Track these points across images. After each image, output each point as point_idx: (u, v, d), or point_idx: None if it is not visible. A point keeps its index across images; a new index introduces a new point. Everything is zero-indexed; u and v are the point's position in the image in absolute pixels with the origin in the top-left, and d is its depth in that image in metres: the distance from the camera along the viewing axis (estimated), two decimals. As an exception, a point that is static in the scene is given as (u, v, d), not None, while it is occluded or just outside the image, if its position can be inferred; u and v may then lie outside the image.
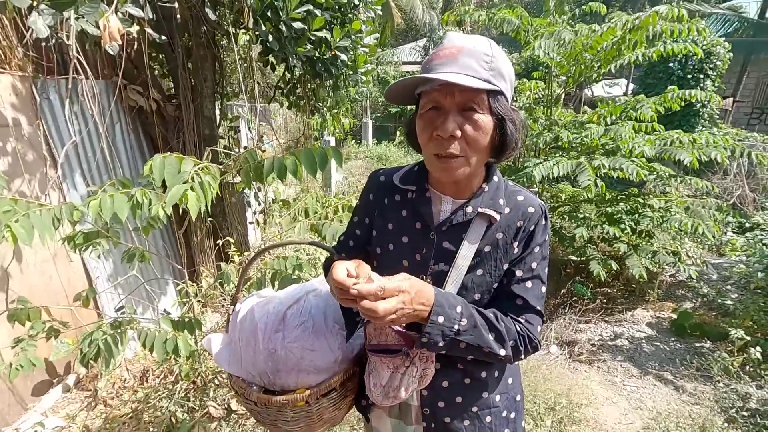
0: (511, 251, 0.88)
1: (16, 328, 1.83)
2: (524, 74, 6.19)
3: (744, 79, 10.15)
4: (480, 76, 0.75)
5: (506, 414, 0.99)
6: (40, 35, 1.57)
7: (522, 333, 0.86)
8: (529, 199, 0.90)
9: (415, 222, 0.91)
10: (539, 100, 4.81)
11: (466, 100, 0.77)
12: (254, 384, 1.04)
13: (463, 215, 0.87)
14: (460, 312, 0.81)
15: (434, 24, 13.90)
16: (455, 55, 0.76)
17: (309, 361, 0.98)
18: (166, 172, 1.27)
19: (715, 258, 4.63)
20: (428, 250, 0.89)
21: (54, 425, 2.25)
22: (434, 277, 0.88)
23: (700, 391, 2.68)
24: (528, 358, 2.95)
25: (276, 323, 1.02)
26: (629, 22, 3.18)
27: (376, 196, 0.99)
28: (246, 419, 2.25)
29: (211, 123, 3.04)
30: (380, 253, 0.96)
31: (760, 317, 3.11)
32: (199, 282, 2.87)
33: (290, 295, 1.10)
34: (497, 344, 0.83)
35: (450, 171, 0.81)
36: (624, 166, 3.15)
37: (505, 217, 0.88)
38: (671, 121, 6.39)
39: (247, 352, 1.03)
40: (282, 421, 0.99)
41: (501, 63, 0.78)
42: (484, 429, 0.96)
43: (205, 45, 2.81)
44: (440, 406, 0.94)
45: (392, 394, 0.89)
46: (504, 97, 0.80)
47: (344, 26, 2.86)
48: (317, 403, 0.97)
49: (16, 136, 2.19)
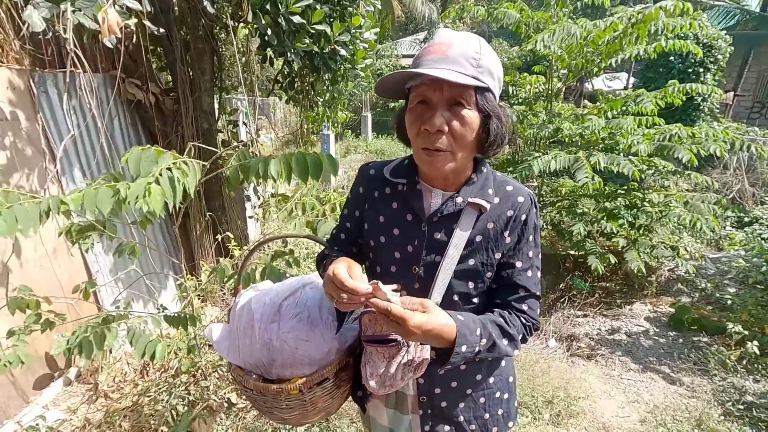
0: (503, 240, 0.89)
1: (17, 322, 1.83)
2: (524, 68, 6.15)
3: (745, 73, 10.11)
4: (468, 72, 0.77)
5: (499, 395, 1.03)
6: (35, 29, 1.56)
7: (527, 323, 0.92)
8: (518, 188, 0.92)
9: (406, 214, 0.93)
10: (540, 94, 4.79)
11: (454, 95, 0.78)
12: (252, 373, 1.07)
13: (454, 205, 0.88)
14: (480, 334, 0.83)
15: (433, 17, 13.80)
16: (445, 51, 0.78)
17: (303, 351, 1.00)
18: (142, 164, 1.25)
19: (714, 252, 4.64)
20: (420, 241, 0.90)
21: (55, 418, 2.26)
22: (426, 267, 0.90)
23: (697, 385, 2.70)
24: (527, 353, 2.97)
25: (272, 314, 1.04)
26: (633, 16, 3.16)
27: (366, 189, 1.00)
28: (246, 412, 2.26)
29: (209, 117, 3.03)
30: (373, 245, 0.97)
31: (757, 311, 3.12)
32: (198, 276, 2.87)
33: (287, 288, 1.12)
34: (511, 348, 0.89)
35: (437, 165, 0.82)
36: (621, 164, 3.14)
37: (495, 207, 0.89)
38: (671, 115, 6.36)
39: (244, 342, 1.05)
40: (277, 409, 1.02)
41: (489, 61, 0.80)
42: (479, 410, 1.00)
43: (203, 38, 2.79)
44: (436, 393, 0.97)
45: (389, 383, 0.91)
46: (492, 94, 0.81)
47: (344, 20, 2.84)
48: (311, 392, 0.99)
49: (14, 131, 2.18)
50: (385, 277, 0.94)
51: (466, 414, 0.99)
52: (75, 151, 2.51)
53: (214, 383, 2.27)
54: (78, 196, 1.21)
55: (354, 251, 1.06)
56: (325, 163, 1.33)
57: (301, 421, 1.08)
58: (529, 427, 2.29)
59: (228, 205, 3.39)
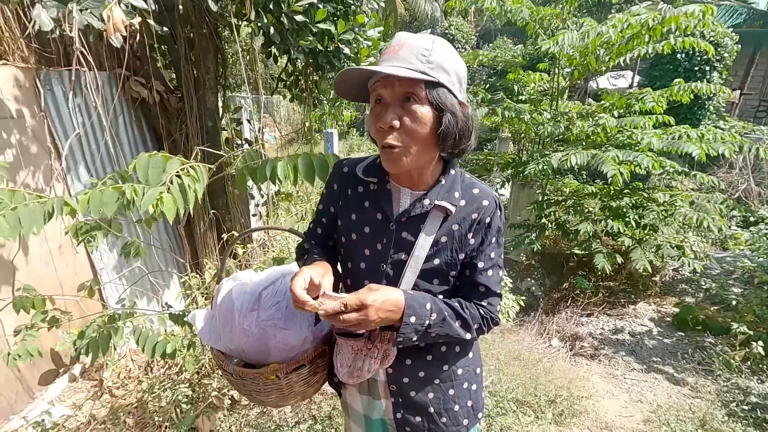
0: (467, 242, 0.93)
1: (22, 318, 1.85)
2: (529, 66, 6.13)
3: (752, 72, 10.00)
4: (416, 68, 0.79)
5: (467, 386, 1.05)
6: (44, 28, 1.57)
7: (485, 315, 0.95)
8: (484, 191, 0.95)
9: (376, 213, 0.96)
10: (544, 92, 4.77)
11: (404, 91, 0.80)
12: (234, 357, 1.11)
13: (421, 207, 0.92)
14: (430, 308, 0.88)
15: (436, 15, 13.75)
16: (397, 51, 0.81)
17: (281, 339, 1.04)
18: (150, 171, 1.26)
19: (719, 252, 4.61)
20: (388, 240, 0.93)
21: (61, 414, 2.28)
22: (393, 265, 0.93)
23: (701, 385, 2.69)
24: (530, 352, 2.97)
25: (252, 303, 1.08)
26: (656, 17, 3.13)
27: (339, 186, 1.02)
28: (249, 409, 2.28)
29: (213, 115, 3.03)
30: (345, 242, 1.00)
31: (763, 312, 3.10)
32: (202, 274, 2.89)
33: (268, 277, 1.15)
34: (463, 330, 0.93)
35: (392, 162, 0.85)
36: (639, 159, 3.13)
37: (460, 209, 0.92)
38: (677, 114, 6.32)
39: (225, 329, 1.09)
40: (256, 392, 1.08)
41: (441, 57, 0.81)
42: (448, 401, 1.03)
43: (207, 36, 2.79)
44: (405, 382, 1.01)
45: (356, 374, 0.97)
46: (446, 89, 0.82)
47: (348, 18, 2.84)
48: (287, 378, 1.04)
49: (20, 129, 2.20)
50: (356, 273, 0.99)
51: (435, 405, 1.02)
52: (80, 149, 2.53)
53: (218, 380, 2.28)
54: (84, 198, 1.22)
55: (330, 244, 1.11)
56: (331, 164, 1.33)
57: (279, 404, 1.14)
58: (531, 426, 2.29)
59: (232, 202, 3.40)
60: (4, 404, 2.23)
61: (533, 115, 4.14)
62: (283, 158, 1.35)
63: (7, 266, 2.19)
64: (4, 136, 2.12)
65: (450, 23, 13.44)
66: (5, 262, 2.18)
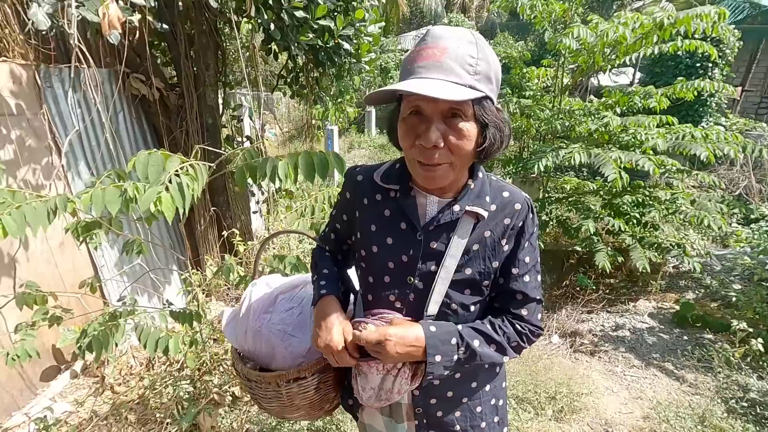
0: (500, 248, 0.87)
1: (24, 315, 1.85)
2: (531, 62, 6.10)
3: (753, 68, 9.96)
4: (465, 82, 0.71)
5: (494, 402, 1.01)
6: (40, 27, 1.57)
7: (523, 330, 0.89)
8: (515, 194, 0.89)
9: (399, 222, 0.89)
10: (548, 88, 4.75)
11: (449, 108, 0.73)
12: (249, 360, 1.11)
13: (451, 214, 0.85)
14: (456, 344, 0.83)
15: (438, 11, 13.69)
16: (439, 57, 0.71)
17: (287, 345, 1.03)
18: (150, 169, 1.25)
19: (719, 249, 4.60)
20: (415, 250, 0.86)
21: (62, 410, 2.29)
22: (422, 277, 0.87)
23: (700, 382, 2.69)
24: (530, 349, 2.98)
25: (267, 305, 1.09)
26: (670, 17, 3.11)
27: (353, 195, 0.97)
28: (250, 406, 2.28)
29: (213, 112, 3.03)
30: (365, 255, 0.93)
31: (762, 309, 3.10)
32: (203, 271, 2.89)
33: (290, 283, 1.15)
34: (499, 354, 0.87)
35: (435, 180, 0.79)
36: (640, 162, 3.11)
37: (492, 215, 0.86)
38: (678, 111, 6.31)
39: (242, 328, 1.10)
40: (260, 397, 1.06)
41: (487, 64, 0.74)
42: (475, 419, 0.98)
43: (207, 33, 2.78)
44: (432, 403, 0.95)
45: (385, 397, 0.90)
46: (490, 100, 0.76)
47: (347, 14, 2.83)
48: (287, 387, 1.00)
49: (20, 125, 2.19)
50: (379, 288, 0.91)
51: (462, 423, 0.97)
52: (80, 146, 2.53)
53: (219, 377, 2.29)
54: (87, 196, 1.22)
55: (344, 249, 1.08)
56: (332, 162, 1.32)
57: (282, 415, 1.11)
58: (531, 423, 2.29)
59: (232, 200, 3.40)
60: (7, 400, 2.24)
61: (535, 111, 4.12)
62: (283, 157, 1.34)
63: (8, 263, 2.19)
64: (4, 133, 2.12)
65: (450, 19, 13.39)
66: (7, 259, 2.18)
